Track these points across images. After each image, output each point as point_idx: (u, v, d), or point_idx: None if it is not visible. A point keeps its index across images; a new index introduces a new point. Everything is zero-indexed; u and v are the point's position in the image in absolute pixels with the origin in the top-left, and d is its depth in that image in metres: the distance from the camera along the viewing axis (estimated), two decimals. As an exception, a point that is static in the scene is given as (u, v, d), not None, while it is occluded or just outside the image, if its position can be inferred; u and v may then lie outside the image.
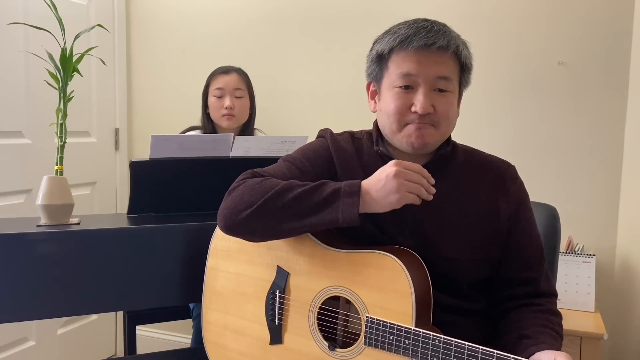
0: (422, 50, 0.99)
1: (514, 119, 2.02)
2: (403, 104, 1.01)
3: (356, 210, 0.93)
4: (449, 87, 1.02)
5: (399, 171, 0.93)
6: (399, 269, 0.92)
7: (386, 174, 0.94)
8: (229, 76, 2.01)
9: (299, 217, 0.97)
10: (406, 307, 0.91)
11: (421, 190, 0.94)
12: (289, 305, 1.07)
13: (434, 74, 0.99)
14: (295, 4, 2.31)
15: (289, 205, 0.97)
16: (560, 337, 0.98)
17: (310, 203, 0.96)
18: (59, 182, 1.31)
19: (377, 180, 0.95)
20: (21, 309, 1.23)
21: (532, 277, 1.06)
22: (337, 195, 0.95)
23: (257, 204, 0.98)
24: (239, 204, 1.00)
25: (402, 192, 0.93)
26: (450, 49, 0.99)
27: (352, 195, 0.94)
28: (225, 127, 2.00)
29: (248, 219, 0.99)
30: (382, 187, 0.94)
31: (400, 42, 1.00)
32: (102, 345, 2.56)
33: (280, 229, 1.00)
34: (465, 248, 1.03)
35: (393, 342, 0.91)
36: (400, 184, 0.92)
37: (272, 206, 0.97)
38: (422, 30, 0.99)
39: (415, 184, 0.94)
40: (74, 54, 1.35)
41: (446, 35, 1.00)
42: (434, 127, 1.01)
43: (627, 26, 1.86)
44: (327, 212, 0.95)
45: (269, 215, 0.98)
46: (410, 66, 1.00)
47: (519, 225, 1.06)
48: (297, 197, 0.97)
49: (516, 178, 1.10)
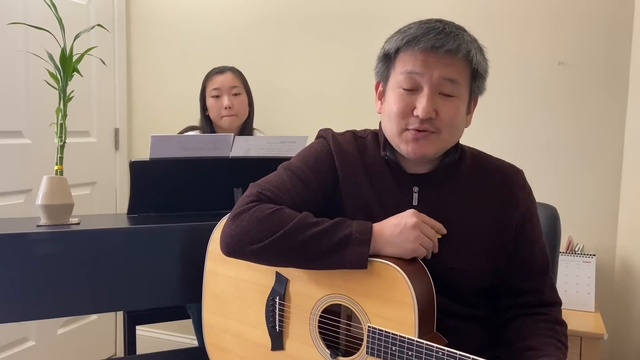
0: (429, 51, 0.94)
1: (513, 119, 2.02)
2: (405, 106, 0.97)
3: (364, 261, 0.93)
4: (456, 92, 0.97)
5: (418, 223, 0.94)
6: (400, 279, 0.91)
7: (404, 223, 0.94)
8: (223, 75, 2.01)
9: (306, 261, 0.96)
10: (408, 318, 0.90)
11: (432, 246, 0.96)
12: (290, 312, 1.06)
13: (439, 75, 0.95)
14: (295, 4, 2.31)
15: (297, 248, 0.95)
16: (565, 348, 0.97)
17: (320, 248, 0.94)
18: (59, 182, 1.31)
19: (393, 225, 0.95)
20: (21, 309, 1.22)
21: (536, 287, 1.04)
22: (347, 242, 0.93)
23: (264, 242, 0.95)
24: (244, 237, 0.97)
25: (417, 244, 0.94)
26: (460, 53, 0.94)
27: (362, 244, 0.93)
28: (227, 127, 2.00)
29: (254, 254, 0.98)
30: (398, 235, 0.94)
31: (408, 41, 0.96)
32: (102, 345, 2.56)
33: (286, 266, 1.02)
34: (471, 258, 1.00)
35: (396, 352, 0.90)
36: (417, 236, 0.94)
37: (280, 247, 0.96)
38: (432, 32, 0.95)
39: (429, 240, 0.95)
40: (74, 54, 1.35)
41: (457, 39, 0.95)
42: (436, 133, 0.97)
43: (627, 26, 1.86)
44: (336, 258, 0.94)
45: (276, 255, 0.97)
46: (415, 65, 0.95)
47: (526, 235, 1.04)
48: (306, 241, 0.94)
49: (524, 185, 1.06)
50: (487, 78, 1.03)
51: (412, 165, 1.04)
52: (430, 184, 1.04)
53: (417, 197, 1.03)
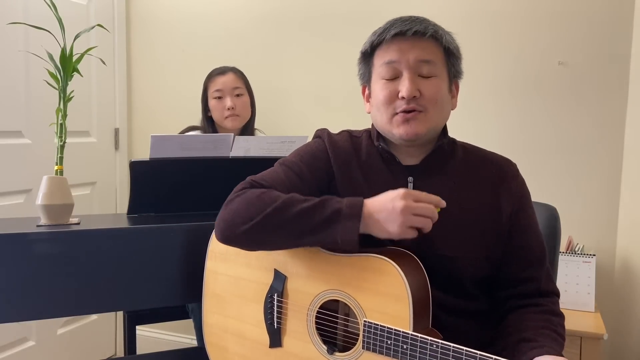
0: (399, 38, 1.01)
1: (514, 119, 2.02)
2: (390, 92, 1.01)
3: (355, 236, 0.92)
4: (434, 72, 1.01)
5: (407, 207, 0.90)
6: (395, 273, 0.92)
7: (393, 206, 0.91)
8: (225, 76, 2.01)
9: (298, 236, 0.96)
10: (403, 312, 0.91)
11: (426, 223, 0.92)
12: (287, 309, 1.06)
13: (415, 59, 1.00)
14: (295, 4, 2.31)
15: (288, 223, 0.95)
16: (562, 339, 0.97)
17: (311, 222, 0.94)
18: (59, 182, 1.31)
19: (382, 205, 0.93)
20: (21, 309, 1.23)
21: (533, 276, 1.05)
22: (337, 216, 0.93)
23: (255, 219, 0.96)
24: (236, 217, 0.98)
25: (404, 227, 0.91)
26: (428, 32, 1.00)
27: (352, 218, 0.92)
28: (229, 128, 2.00)
29: (246, 234, 0.98)
30: (386, 218, 0.91)
31: (379, 35, 1.03)
32: (102, 345, 2.56)
33: (279, 244, 1.01)
34: (466, 246, 1.02)
35: (391, 346, 0.91)
36: (404, 222, 0.91)
37: (272, 222, 0.96)
38: (398, 21, 1.02)
39: (420, 218, 0.91)
40: (74, 54, 1.35)
41: (423, 22, 1.02)
42: (423, 112, 1.00)
43: (627, 26, 1.86)
44: (327, 233, 0.93)
45: (268, 231, 0.97)
46: (391, 54, 1.01)
47: (521, 223, 1.06)
48: (297, 215, 0.95)
49: (517, 175, 1.09)
50: (461, 59, 1.08)
51: (406, 156, 1.07)
52: (424, 173, 1.06)
53: (412, 187, 1.05)
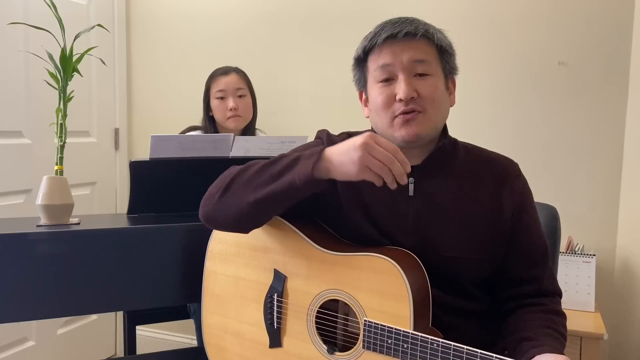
0: (391, 40, 1.00)
1: (514, 119, 2.02)
2: (387, 96, 1.01)
3: (310, 169, 0.90)
4: (429, 71, 1.01)
5: (365, 143, 0.87)
6: (395, 272, 0.92)
7: (353, 142, 0.89)
8: (228, 77, 2.01)
9: (262, 187, 0.97)
10: (404, 311, 0.90)
11: (385, 172, 0.87)
12: (287, 309, 1.06)
13: (409, 59, 1.00)
14: (295, 4, 2.31)
15: (252, 179, 0.99)
16: (564, 338, 0.97)
17: (272, 172, 0.97)
18: (59, 182, 1.31)
19: (343, 146, 0.91)
20: (21, 309, 1.23)
21: (535, 276, 1.05)
22: (296, 161, 0.94)
23: (225, 184, 1.02)
24: (212, 190, 1.04)
25: (363, 166, 0.87)
26: (419, 32, 1.00)
27: (309, 157, 0.92)
28: (231, 128, 2.00)
29: (219, 201, 1.02)
30: (344, 154, 0.89)
31: (370, 39, 1.03)
32: (102, 345, 2.56)
33: (246, 202, 0.99)
34: (467, 246, 1.02)
35: (392, 345, 0.91)
36: (362, 157, 0.86)
37: (238, 183, 1.00)
38: (388, 24, 1.02)
39: (379, 163, 0.87)
40: (74, 54, 1.35)
41: (413, 23, 1.01)
42: (422, 113, 1.00)
43: (627, 26, 1.86)
44: (285, 177, 0.94)
45: (236, 191, 1.00)
46: (384, 57, 1.01)
47: (523, 223, 1.05)
48: (259, 169, 0.99)
49: (519, 175, 1.08)
50: (455, 57, 1.07)
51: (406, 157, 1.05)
52: (425, 174, 1.05)
53: (413, 188, 1.04)
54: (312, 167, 0.91)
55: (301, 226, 1.08)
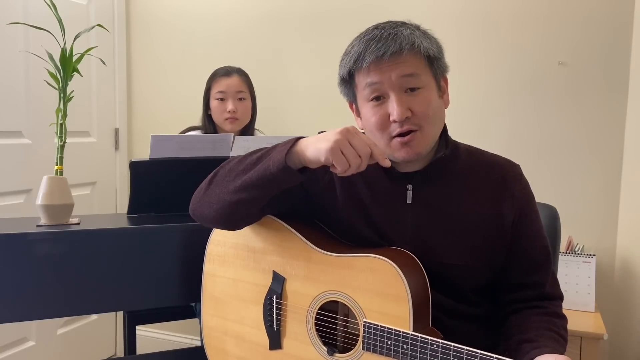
0: (376, 62, 0.97)
1: (514, 119, 2.02)
2: (381, 117, 0.98)
3: (283, 155, 0.90)
4: (420, 83, 0.98)
5: (348, 130, 0.88)
6: (394, 273, 0.92)
7: (333, 130, 0.89)
8: (230, 79, 2.00)
9: (240, 176, 0.98)
10: (403, 312, 0.90)
11: (356, 161, 0.87)
12: (287, 311, 1.06)
13: (397, 75, 0.96)
14: (295, 3, 2.31)
15: (232, 169, 1.00)
16: (565, 341, 0.97)
17: (250, 161, 0.97)
18: (59, 182, 1.31)
19: (323, 133, 0.91)
20: (21, 309, 1.23)
21: (538, 281, 1.04)
22: (273, 149, 0.95)
23: (209, 178, 1.04)
24: (201, 185, 1.06)
25: (336, 147, 0.86)
26: (405, 50, 0.96)
27: (286, 144, 0.92)
28: (228, 130, 2.00)
29: (204, 194, 1.04)
30: (321, 138, 0.89)
31: (355, 61, 0.99)
32: (102, 345, 2.56)
33: (226, 192, 0.99)
34: (467, 254, 1.01)
35: (391, 347, 0.90)
36: (339, 140, 0.86)
37: (220, 174, 1.02)
38: (372, 42, 0.97)
39: (354, 152, 0.87)
40: (74, 54, 1.35)
41: (397, 38, 0.96)
42: (419, 131, 0.98)
43: (627, 26, 1.86)
44: (261, 164, 0.95)
45: (218, 183, 1.02)
46: (371, 76, 0.98)
47: (524, 229, 1.04)
48: (240, 160, 1.00)
49: (520, 178, 1.06)
50: (443, 55, 1.04)
51: (405, 164, 1.05)
52: (424, 181, 1.04)
53: (411, 195, 1.03)
54: (286, 152, 0.91)
55: (299, 227, 1.07)
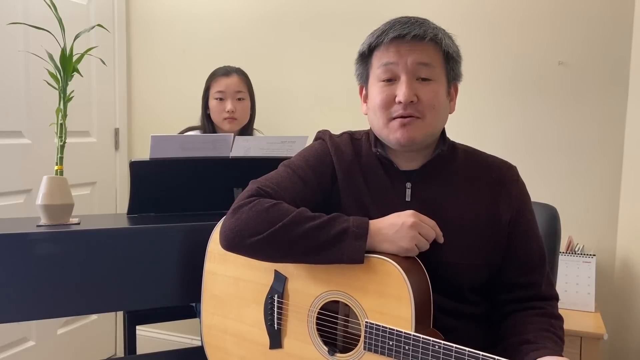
0: (398, 40, 0.99)
1: (514, 119, 2.02)
2: (387, 96, 1.00)
3: (361, 255, 0.93)
4: (432, 75, 1.00)
5: (416, 223, 0.95)
6: (397, 274, 0.92)
7: (402, 222, 0.95)
8: (229, 79, 2.00)
9: (304, 254, 0.97)
10: (405, 312, 0.90)
11: (426, 245, 0.96)
12: (288, 310, 1.06)
13: (413, 61, 0.99)
14: (296, 4, 2.31)
15: (296, 241, 0.96)
16: (562, 341, 0.97)
17: (317, 241, 0.95)
18: (59, 182, 1.31)
19: (390, 224, 0.95)
20: (21, 309, 1.22)
21: (533, 281, 1.05)
22: (344, 236, 0.94)
23: (263, 234, 0.96)
24: (244, 229, 0.98)
25: (413, 244, 0.94)
26: (427, 37, 0.98)
27: (359, 238, 0.94)
28: (226, 129, 2.00)
29: (253, 247, 0.98)
30: (396, 233, 0.94)
31: (377, 37, 1.02)
32: (102, 345, 2.56)
33: (284, 260, 1.01)
34: (465, 252, 1.01)
35: (393, 347, 0.90)
36: (414, 236, 0.94)
37: (279, 239, 0.97)
38: (398, 24, 1.01)
39: (424, 241, 0.96)
40: (74, 54, 1.35)
41: (423, 26, 1.00)
42: (420, 118, 1.00)
43: (627, 26, 1.86)
44: (333, 252, 0.94)
45: (275, 247, 0.98)
46: (389, 56, 1.00)
47: (520, 229, 1.05)
48: (305, 233, 0.95)
49: (517, 180, 1.08)
50: (461, 63, 1.06)
51: (404, 162, 1.06)
52: (423, 179, 1.05)
53: (410, 193, 1.04)
54: (363, 252, 0.94)
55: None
